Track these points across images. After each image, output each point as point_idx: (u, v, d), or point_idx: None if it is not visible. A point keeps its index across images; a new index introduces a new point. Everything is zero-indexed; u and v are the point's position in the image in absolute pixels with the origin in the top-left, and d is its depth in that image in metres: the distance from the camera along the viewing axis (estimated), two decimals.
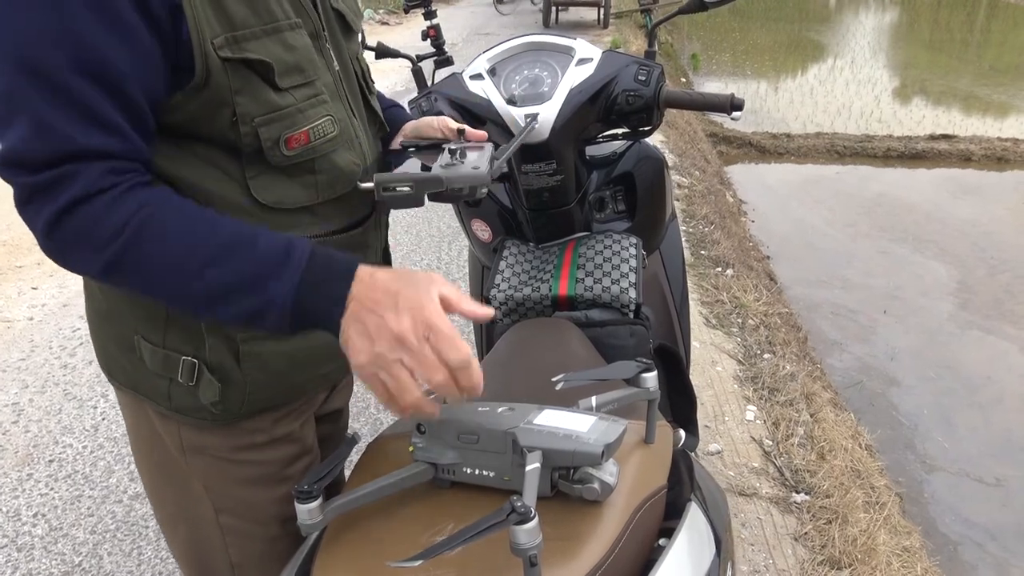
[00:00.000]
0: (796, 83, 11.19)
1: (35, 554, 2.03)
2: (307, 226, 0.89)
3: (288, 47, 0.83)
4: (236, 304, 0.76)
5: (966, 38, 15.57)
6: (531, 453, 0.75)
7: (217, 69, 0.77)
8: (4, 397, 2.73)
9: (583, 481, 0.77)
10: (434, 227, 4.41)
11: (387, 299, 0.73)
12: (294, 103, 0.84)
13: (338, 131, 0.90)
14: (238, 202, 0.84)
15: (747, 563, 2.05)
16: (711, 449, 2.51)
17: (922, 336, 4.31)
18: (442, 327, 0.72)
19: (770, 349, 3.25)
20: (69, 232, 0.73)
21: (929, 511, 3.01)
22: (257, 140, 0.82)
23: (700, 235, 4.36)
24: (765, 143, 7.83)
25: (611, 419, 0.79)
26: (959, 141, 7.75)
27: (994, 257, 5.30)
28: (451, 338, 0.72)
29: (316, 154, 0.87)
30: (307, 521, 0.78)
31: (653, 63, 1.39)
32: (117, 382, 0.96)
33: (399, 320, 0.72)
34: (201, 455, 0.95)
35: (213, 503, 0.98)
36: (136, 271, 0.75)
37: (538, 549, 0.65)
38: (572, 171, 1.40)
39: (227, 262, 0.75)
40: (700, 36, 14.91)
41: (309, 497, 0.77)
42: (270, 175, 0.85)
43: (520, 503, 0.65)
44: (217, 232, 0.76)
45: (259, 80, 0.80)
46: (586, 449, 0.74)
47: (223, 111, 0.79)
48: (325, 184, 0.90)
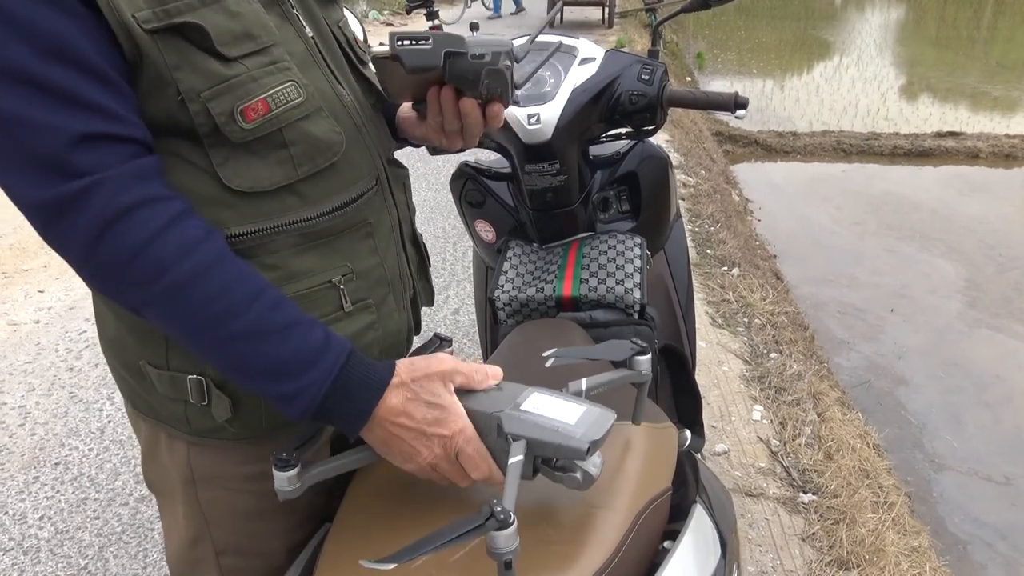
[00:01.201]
0: (802, 81, 11.15)
1: (41, 557, 2.03)
2: (295, 209, 0.83)
3: (231, 14, 0.77)
4: (260, 384, 0.76)
5: (973, 35, 15.50)
6: (515, 443, 0.73)
7: (147, 44, 0.71)
8: (11, 400, 2.73)
9: (566, 470, 0.75)
10: (439, 228, 4.40)
11: (414, 426, 0.77)
12: (245, 71, 0.77)
13: (305, 96, 0.82)
14: (211, 194, 0.79)
15: (754, 564, 2.04)
16: (718, 449, 2.50)
17: (930, 334, 4.29)
18: (467, 450, 0.77)
19: (777, 348, 3.23)
20: (114, 250, 0.70)
21: (938, 511, 2.99)
22: (210, 117, 0.76)
23: (706, 234, 4.35)
24: (771, 142, 7.80)
25: (600, 410, 0.77)
26: (966, 138, 7.71)
27: (1002, 255, 5.27)
28: (475, 459, 0.77)
29: (282, 123, 0.80)
30: (285, 488, 0.78)
31: (656, 62, 1.38)
32: (140, 411, 0.92)
33: (430, 450, 0.77)
34: (211, 485, 0.92)
35: (214, 544, 0.94)
36: (169, 319, 0.73)
37: (514, 554, 0.64)
38: (575, 171, 1.39)
39: (264, 341, 0.74)
40: (705, 35, 14.88)
41: (287, 465, 0.78)
42: (237, 157, 0.79)
43: (500, 508, 0.64)
44: (261, 302, 0.74)
45: (197, 51, 0.75)
46: (572, 444, 0.72)
47: (167, 91, 0.74)
48: (303, 157, 0.83)
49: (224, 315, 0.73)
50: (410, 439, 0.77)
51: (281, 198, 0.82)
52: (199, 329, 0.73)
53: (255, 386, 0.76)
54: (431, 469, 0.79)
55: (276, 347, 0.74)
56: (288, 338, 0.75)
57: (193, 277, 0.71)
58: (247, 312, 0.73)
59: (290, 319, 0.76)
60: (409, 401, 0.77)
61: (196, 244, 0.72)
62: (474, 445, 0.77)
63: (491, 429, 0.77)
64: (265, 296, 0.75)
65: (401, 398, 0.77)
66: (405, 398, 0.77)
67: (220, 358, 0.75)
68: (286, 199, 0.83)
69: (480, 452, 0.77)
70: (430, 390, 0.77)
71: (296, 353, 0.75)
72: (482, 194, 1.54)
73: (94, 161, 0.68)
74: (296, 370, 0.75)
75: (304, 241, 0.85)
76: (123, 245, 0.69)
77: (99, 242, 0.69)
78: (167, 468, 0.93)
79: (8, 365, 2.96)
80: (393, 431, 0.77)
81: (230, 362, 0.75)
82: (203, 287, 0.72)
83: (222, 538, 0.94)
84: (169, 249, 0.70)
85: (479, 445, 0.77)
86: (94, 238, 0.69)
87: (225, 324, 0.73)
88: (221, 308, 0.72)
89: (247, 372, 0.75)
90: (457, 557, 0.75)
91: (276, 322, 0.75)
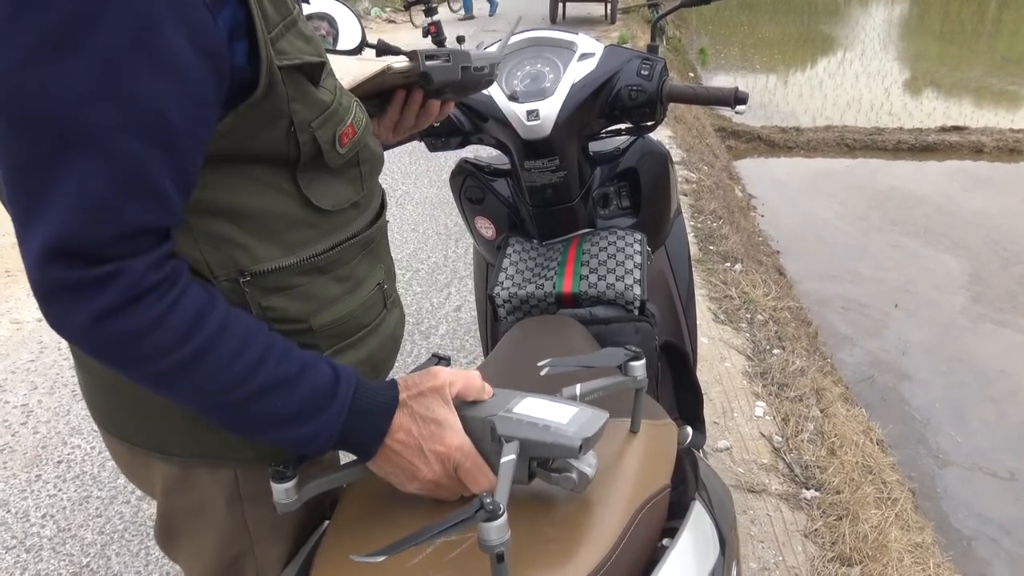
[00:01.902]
0: (805, 76, 11.13)
1: (43, 555, 2.03)
2: (355, 221, 0.86)
3: (306, 38, 0.76)
4: (281, 433, 0.75)
5: (977, 28, 15.44)
6: (508, 444, 0.74)
7: (276, 78, 0.70)
8: (13, 398, 2.74)
9: (561, 470, 0.76)
10: (440, 224, 4.40)
11: (412, 443, 0.77)
12: (332, 97, 0.78)
13: (366, 116, 0.85)
14: (296, 215, 0.78)
15: (756, 560, 2.03)
16: (720, 445, 2.49)
17: (934, 330, 4.28)
18: (466, 465, 0.78)
19: (779, 344, 3.23)
20: (116, 334, 0.65)
21: (942, 506, 2.99)
22: (316, 145, 0.76)
23: (708, 230, 4.34)
24: (774, 137, 7.79)
25: (593, 410, 0.78)
26: (971, 133, 7.70)
27: (1007, 249, 5.25)
28: (473, 472, 0.78)
29: (359, 146, 0.83)
30: (283, 500, 0.79)
31: (656, 57, 1.37)
32: (166, 454, 0.86)
33: (430, 468, 0.78)
34: (261, 503, 0.88)
35: (257, 563, 0.92)
36: (182, 390, 0.70)
37: (505, 546, 0.64)
38: (575, 167, 1.39)
39: (279, 394, 0.73)
40: (708, 30, 14.84)
41: (284, 478, 0.78)
42: (321, 178, 0.80)
43: (489, 499, 0.64)
44: (269, 359, 0.72)
45: (306, 81, 0.74)
46: (564, 442, 0.73)
47: (279, 123, 0.73)
48: (368, 174, 0.87)
49: (242, 376, 0.70)
50: (409, 456, 0.78)
51: (347, 212, 0.85)
52: (218, 394, 0.71)
53: (272, 436, 0.75)
54: (434, 487, 0.79)
55: (292, 395, 0.73)
56: (302, 384, 0.74)
57: (208, 344, 0.68)
58: (262, 367, 0.72)
59: (301, 364, 0.75)
60: (407, 418, 0.78)
61: (202, 315, 0.68)
62: (472, 459, 0.78)
63: (485, 434, 0.78)
64: (274, 348, 0.73)
65: (399, 416, 0.78)
66: (403, 415, 0.78)
67: (236, 417, 0.73)
68: (350, 213, 0.85)
69: (478, 465, 0.78)
70: (426, 405, 0.78)
71: (311, 396, 0.74)
72: (482, 191, 1.53)
73: (125, 250, 0.63)
74: (314, 411, 0.75)
75: (362, 250, 0.88)
76: (132, 327, 0.65)
77: (105, 324, 0.64)
78: (202, 495, 0.89)
79: (11, 364, 2.97)
80: (395, 448, 0.77)
81: (247, 421, 0.73)
82: (219, 351, 0.69)
83: (265, 554, 0.92)
84: (178, 325, 0.66)
85: (477, 459, 0.78)
86: (100, 319, 0.64)
87: (244, 384, 0.71)
88: (239, 369, 0.70)
89: (265, 425, 0.74)
90: (452, 556, 0.75)
91: (289, 372, 0.74)
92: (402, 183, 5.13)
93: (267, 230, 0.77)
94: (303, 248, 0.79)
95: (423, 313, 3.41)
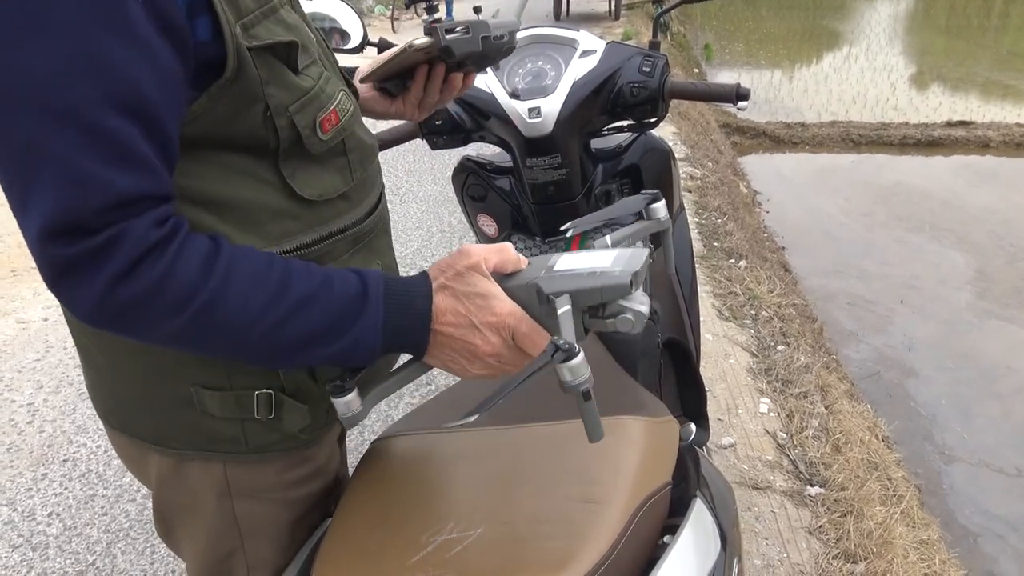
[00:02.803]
0: (811, 72, 11.10)
1: (50, 553, 2.04)
2: (346, 213, 0.85)
3: (288, 26, 0.76)
4: (323, 348, 0.74)
5: (984, 23, 15.37)
6: (559, 298, 0.72)
7: (246, 60, 0.70)
8: (19, 397, 2.75)
9: (615, 314, 0.73)
10: (443, 222, 4.40)
11: (463, 322, 0.76)
12: (313, 83, 0.78)
13: (354, 104, 0.85)
14: (279, 206, 0.78)
15: (761, 557, 2.03)
16: (724, 442, 2.49)
17: (940, 326, 4.27)
18: (521, 327, 0.75)
19: (784, 341, 3.22)
20: (127, 302, 0.65)
21: (948, 503, 2.98)
22: (295, 131, 0.76)
23: (713, 226, 4.33)
24: (779, 133, 7.77)
25: (632, 249, 0.76)
26: (977, 128, 7.66)
27: (1013, 245, 5.23)
28: (531, 336, 0.75)
29: (346, 132, 0.83)
30: (347, 413, 0.78)
31: (657, 54, 1.37)
32: (159, 447, 0.87)
33: (487, 341, 0.75)
34: (250, 498, 0.89)
35: (247, 560, 0.92)
36: (209, 339, 0.70)
37: (589, 383, 0.65)
38: (577, 164, 1.39)
39: (309, 311, 0.72)
40: (713, 26, 14.81)
41: (343, 391, 0.77)
42: (305, 168, 0.80)
43: (562, 341, 0.65)
44: (289, 281, 0.72)
45: (281, 65, 0.74)
46: (613, 282, 0.71)
47: (254, 107, 0.73)
48: (357, 163, 0.85)
49: (265, 305, 0.70)
50: (463, 336, 0.76)
51: (337, 205, 0.83)
52: (246, 331, 0.70)
53: (318, 355, 0.74)
54: (496, 362, 0.77)
55: (323, 309, 0.73)
56: (329, 296, 0.73)
57: (222, 286, 0.68)
58: (284, 291, 0.71)
59: (323, 277, 0.74)
60: (450, 299, 0.76)
61: (208, 259, 0.68)
62: (527, 323, 0.75)
63: (532, 299, 0.75)
64: (292, 270, 0.73)
65: (441, 297, 0.76)
66: (444, 296, 0.76)
67: (275, 349, 0.72)
68: (339, 204, 0.84)
69: (534, 328, 0.75)
70: (466, 281, 0.76)
71: (343, 304, 0.74)
72: (484, 188, 1.53)
73: (121, 216, 0.64)
74: (350, 319, 0.73)
75: (354, 244, 0.86)
76: (140, 288, 0.65)
77: (115, 292, 0.65)
78: (194, 488, 0.89)
79: (17, 363, 2.98)
80: (446, 332, 0.76)
81: (290, 345, 0.72)
82: (235, 290, 0.69)
83: (256, 552, 0.92)
84: (187, 275, 0.67)
85: (531, 322, 0.75)
86: (109, 289, 0.64)
87: (270, 312, 0.70)
88: (260, 300, 0.70)
89: (306, 348, 0.73)
90: (452, 554, 0.75)
91: (312, 288, 0.73)
92: (405, 181, 5.13)
93: (249, 221, 0.76)
94: (287, 240, 0.79)
95: None
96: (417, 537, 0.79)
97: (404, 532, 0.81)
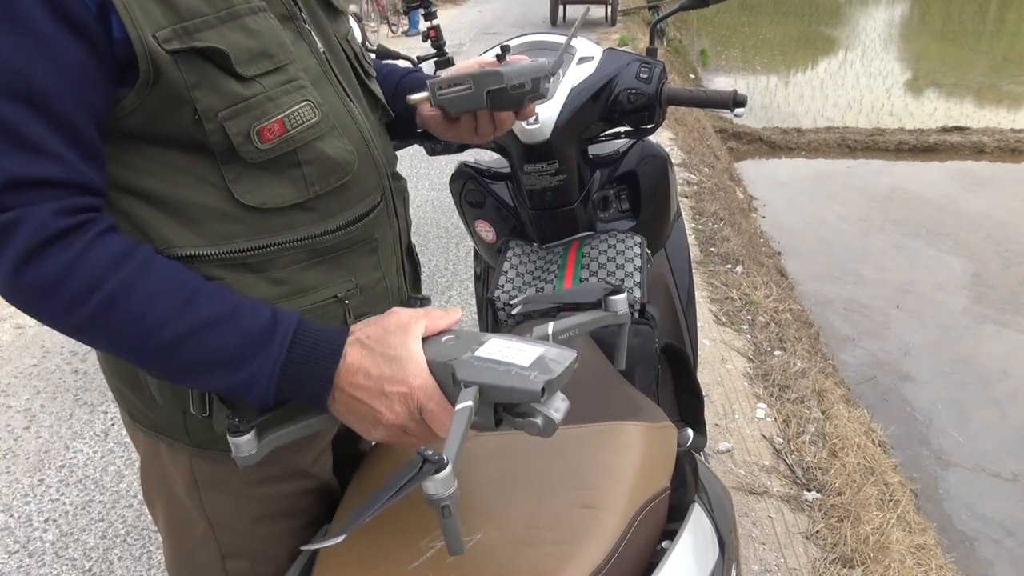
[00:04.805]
0: (806, 77, 11.13)
1: (46, 559, 2.04)
2: (304, 225, 0.82)
3: (250, 32, 0.76)
4: (216, 378, 0.73)
5: (979, 29, 15.43)
6: (466, 389, 0.68)
7: (166, 63, 0.70)
8: (16, 403, 2.74)
9: (526, 415, 0.69)
10: (441, 227, 4.40)
11: (372, 385, 0.73)
12: (262, 91, 0.76)
13: (320, 116, 0.81)
14: (220, 208, 0.78)
15: (758, 562, 2.03)
16: (721, 448, 2.49)
17: (936, 331, 4.28)
18: (429, 406, 0.72)
19: (781, 346, 3.22)
20: (31, 283, 0.68)
21: (944, 507, 2.98)
22: (226, 136, 0.75)
23: (710, 232, 4.34)
24: (775, 138, 7.79)
25: (560, 349, 0.72)
26: (972, 133, 7.68)
27: (1008, 250, 5.24)
28: (438, 414, 0.72)
29: (297, 144, 0.79)
30: (242, 454, 0.75)
31: (654, 60, 1.38)
32: (139, 424, 0.90)
33: (392, 410, 0.73)
34: (214, 491, 0.90)
35: (220, 546, 0.93)
36: (107, 338, 0.71)
37: (452, 500, 0.61)
38: (575, 170, 1.39)
39: (208, 335, 0.71)
40: (709, 32, 14.85)
41: (239, 431, 0.74)
42: (251, 174, 0.78)
43: (430, 452, 0.61)
44: (197, 301, 0.72)
45: (217, 70, 0.73)
46: (525, 386, 0.67)
47: (182, 108, 0.73)
48: (316, 176, 0.82)
49: (166, 318, 0.70)
50: (370, 400, 0.73)
51: (291, 215, 0.81)
52: (142, 339, 0.71)
53: (208, 383, 0.74)
54: (401, 432, 0.74)
55: (223, 336, 0.72)
56: (235, 325, 0.72)
57: (125, 287, 0.69)
58: (188, 309, 0.71)
59: (233, 305, 0.73)
60: (365, 358, 0.73)
61: (121, 258, 0.70)
62: (436, 400, 0.72)
63: (448, 379, 0.72)
64: (202, 290, 0.73)
65: (357, 355, 0.74)
66: (360, 355, 0.74)
67: (169, 365, 0.73)
68: (296, 216, 0.82)
69: (443, 406, 0.72)
70: (386, 342, 0.74)
71: (245, 337, 0.72)
72: (482, 194, 1.54)
73: (22, 200, 0.67)
74: (249, 354, 0.72)
75: (312, 257, 0.84)
76: (46, 273, 0.67)
77: (21, 273, 0.67)
78: (170, 474, 0.91)
79: (14, 368, 2.98)
80: (352, 393, 0.73)
81: (180, 365, 0.72)
82: (138, 294, 0.70)
83: (228, 541, 0.93)
84: (94, 267, 0.68)
85: (441, 400, 0.72)
86: (15, 269, 0.67)
87: (169, 326, 0.70)
88: (162, 311, 0.70)
89: (199, 371, 0.73)
90: (452, 559, 0.75)
91: (220, 312, 0.72)
92: None
93: (187, 218, 0.77)
94: (225, 242, 0.78)
95: None
96: (416, 542, 0.79)
97: (403, 537, 0.81)
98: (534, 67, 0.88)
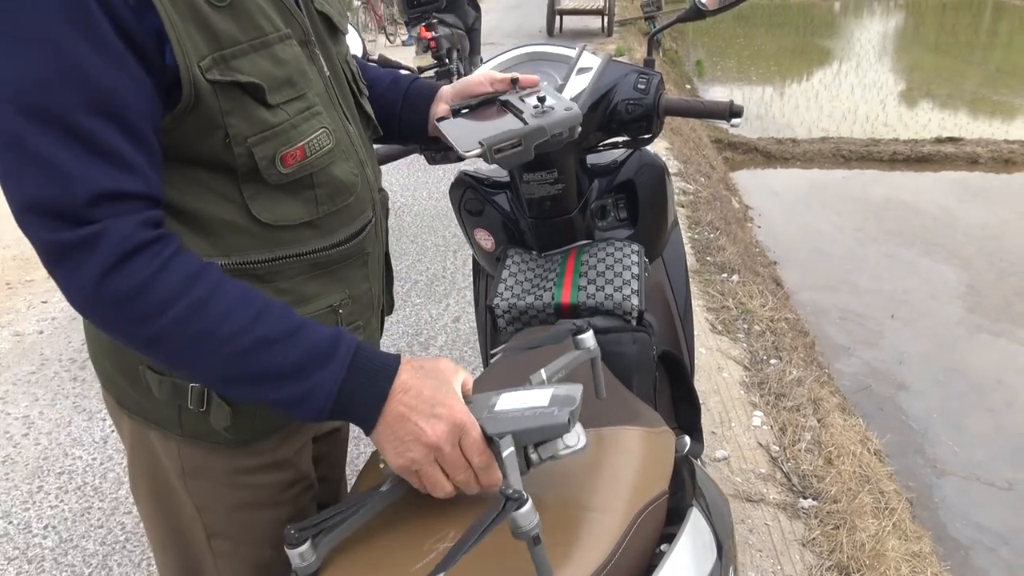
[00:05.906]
0: (801, 88, 11.18)
1: (45, 566, 2.04)
2: (309, 240, 0.88)
3: (278, 61, 0.80)
4: (277, 390, 0.77)
5: (972, 40, 15.52)
6: (502, 439, 0.76)
7: (207, 92, 0.74)
8: (15, 410, 2.75)
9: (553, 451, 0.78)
10: (439, 236, 4.42)
11: (422, 406, 0.78)
12: (287, 119, 0.82)
13: (334, 143, 0.88)
14: (237, 222, 0.82)
15: (755, 569, 2.04)
16: (718, 455, 2.50)
17: (931, 340, 4.29)
18: (472, 432, 0.78)
19: (777, 355, 3.24)
20: (113, 295, 0.71)
21: (940, 516, 2.99)
22: (252, 160, 0.80)
23: (706, 241, 4.36)
24: (771, 148, 7.81)
25: (567, 385, 0.81)
26: (966, 144, 7.72)
27: (1003, 260, 5.27)
28: (479, 442, 0.78)
29: (314, 168, 0.85)
30: (300, 564, 0.78)
31: (652, 71, 1.39)
32: (128, 411, 0.94)
33: (434, 428, 0.77)
34: (200, 478, 0.94)
35: (205, 527, 0.96)
36: (177, 350, 0.74)
37: (538, 528, 0.67)
38: (573, 180, 1.41)
39: (276, 348, 0.75)
40: (705, 43, 14.92)
41: (296, 543, 0.77)
42: (268, 193, 0.83)
43: (511, 489, 0.67)
44: (266, 317, 0.76)
45: (250, 99, 0.78)
46: (553, 421, 0.76)
47: (215, 132, 0.77)
48: (325, 197, 0.88)
49: (237, 331, 0.74)
50: (416, 417, 0.77)
51: (299, 231, 0.87)
52: (211, 352, 0.74)
53: (268, 394, 0.77)
54: (433, 456, 0.78)
55: (291, 348, 0.76)
56: (302, 338, 0.77)
57: (201, 303, 0.73)
58: (258, 323, 0.75)
59: (301, 321, 0.78)
60: (419, 378, 0.79)
61: (198, 273, 0.74)
62: (477, 433, 0.78)
63: None
64: (273, 306, 0.78)
65: (411, 373, 0.80)
66: (414, 377, 0.79)
67: (234, 372, 0.76)
68: (303, 231, 0.87)
69: (482, 442, 0.78)
70: (438, 370, 0.81)
71: (311, 350, 0.77)
72: (481, 203, 1.55)
73: (107, 212, 0.70)
74: (313, 367, 0.77)
75: (314, 269, 0.89)
76: (128, 284, 0.71)
77: (104, 284, 0.70)
78: (159, 458, 0.95)
79: (12, 376, 2.98)
80: (402, 411, 0.78)
81: (249, 374, 0.76)
82: (213, 309, 0.74)
83: (213, 522, 0.96)
84: (174, 281, 0.72)
85: (481, 435, 0.78)
86: (98, 280, 0.70)
87: (238, 339, 0.74)
88: (234, 325, 0.74)
89: (263, 381, 0.76)
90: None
91: (289, 326, 0.77)
92: (401, 195, 5.15)
93: (206, 230, 0.81)
94: (239, 253, 0.83)
95: (422, 324, 3.42)
96: (420, 544, 0.80)
97: (406, 539, 0.82)
98: (570, 117, 0.95)
